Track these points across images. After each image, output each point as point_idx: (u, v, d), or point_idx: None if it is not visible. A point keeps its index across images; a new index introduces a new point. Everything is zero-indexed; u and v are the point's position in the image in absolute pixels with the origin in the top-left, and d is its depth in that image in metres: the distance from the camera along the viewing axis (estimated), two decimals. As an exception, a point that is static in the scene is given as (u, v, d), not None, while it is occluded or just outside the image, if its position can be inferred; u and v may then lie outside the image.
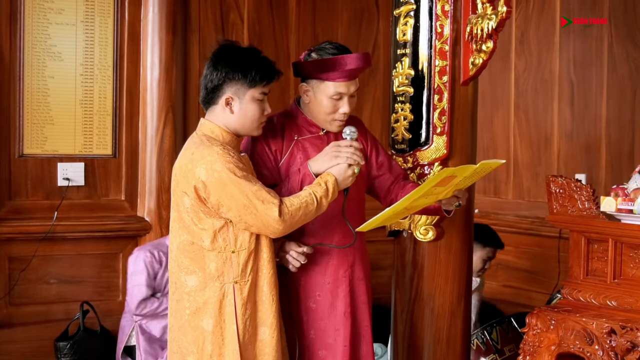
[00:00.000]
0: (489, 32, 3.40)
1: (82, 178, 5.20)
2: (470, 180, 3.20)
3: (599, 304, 3.44)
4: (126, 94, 5.30)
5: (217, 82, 3.05)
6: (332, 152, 3.11)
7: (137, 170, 5.32)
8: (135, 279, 4.60)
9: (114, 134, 5.28)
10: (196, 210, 2.99)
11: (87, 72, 5.20)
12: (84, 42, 5.18)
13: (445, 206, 3.31)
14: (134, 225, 5.26)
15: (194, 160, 2.96)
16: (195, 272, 3.04)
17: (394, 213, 3.13)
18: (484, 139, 6.12)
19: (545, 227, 5.40)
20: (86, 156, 5.22)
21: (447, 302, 3.74)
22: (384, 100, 5.91)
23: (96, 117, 5.24)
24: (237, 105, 3.06)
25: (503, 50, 5.94)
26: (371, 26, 6.05)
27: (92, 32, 5.20)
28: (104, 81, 5.24)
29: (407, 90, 3.69)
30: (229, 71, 3.03)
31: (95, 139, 5.24)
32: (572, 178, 3.71)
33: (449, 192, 3.17)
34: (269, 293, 3.07)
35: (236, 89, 3.04)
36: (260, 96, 3.07)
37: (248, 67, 3.03)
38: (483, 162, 3.08)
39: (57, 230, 5.09)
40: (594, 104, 5.53)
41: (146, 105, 5.29)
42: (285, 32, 5.75)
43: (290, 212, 2.96)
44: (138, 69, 5.31)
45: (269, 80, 3.07)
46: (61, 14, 5.13)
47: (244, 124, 3.09)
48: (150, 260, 4.60)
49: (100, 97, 5.24)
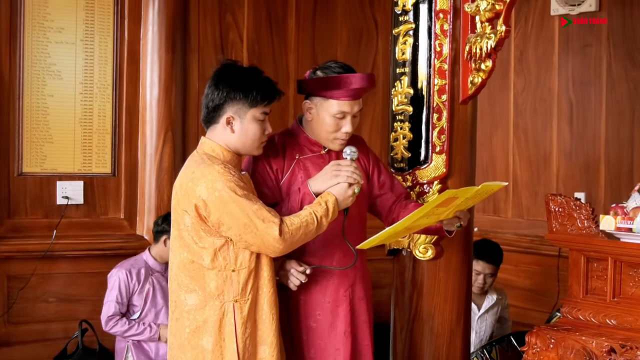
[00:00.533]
0: (487, 51, 3.42)
1: (81, 196, 5.20)
2: (472, 202, 3.21)
3: (599, 322, 3.44)
4: (125, 112, 5.29)
5: (218, 102, 3.05)
6: (332, 171, 3.11)
7: (136, 189, 5.31)
8: (108, 295, 4.59)
9: (113, 153, 5.28)
10: (197, 228, 2.99)
11: (86, 90, 5.20)
12: (83, 61, 5.19)
13: (446, 226, 3.32)
14: (132, 243, 5.24)
15: (194, 179, 2.96)
16: (195, 291, 3.04)
17: (394, 232, 3.14)
18: (483, 158, 6.12)
19: (545, 245, 5.39)
20: (85, 175, 5.22)
21: (446, 321, 3.74)
22: (383, 119, 5.91)
23: (95, 136, 5.24)
24: (238, 124, 3.07)
25: (502, 69, 5.95)
26: (370, 45, 6.06)
27: (91, 51, 5.21)
28: (104, 100, 5.25)
29: (406, 109, 3.70)
30: (230, 90, 3.04)
31: (95, 158, 5.24)
32: (572, 197, 3.72)
33: (451, 212, 3.17)
34: (269, 312, 3.07)
35: (237, 109, 3.05)
36: (261, 116, 3.08)
37: (249, 87, 3.04)
38: (485, 184, 3.09)
39: (56, 248, 5.08)
40: (593, 123, 5.54)
41: (145, 124, 5.29)
42: (285, 52, 5.76)
43: (290, 232, 2.96)
44: (137, 87, 5.30)
45: (270, 100, 3.08)
46: (61, 33, 5.14)
47: (244, 144, 3.10)
48: (125, 278, 4.57)
49: (100, 116, 5.25)
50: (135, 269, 4.63)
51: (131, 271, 4.60)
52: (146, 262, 4.69)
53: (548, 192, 5.36)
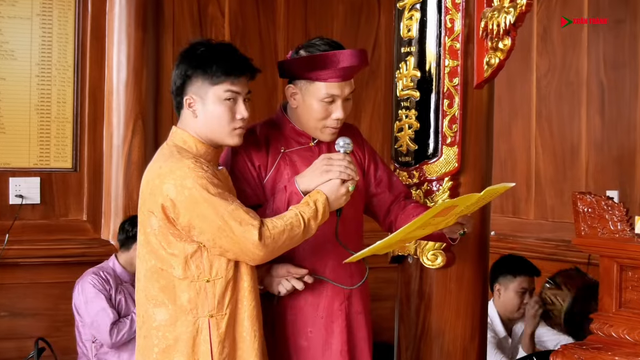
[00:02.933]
0: (506, 27, 3.40)
1: (37, 195, 5.22)
2: (474, 207, 3.22)
3: (634, 340, 3.43)
4: (89, 98, 5.32)
5: (179, 83, 3.06)
6: (322, 166, 3.09)
7: (101, 187, 5.34)
8: (93, 306, 4.59)
9: (74, 145, 5.30)
10: (165, 232, 2.98)
11: (43, 73, 5.21)
12: (40, 39, 5.21)
13: (448, 234, 3.34)
14: (97, 249, 5.26)
15: (161, 175, 2.95)
16: (164, 304, 3.02)
17: (386, 245, 3.14)
18: (500, 150, 6.14)
19: (572, 251, 5.42)
20: (42, 170, 5.23)
21: (458, 338, 3.75)
22: (386, 106, 5.92)
23: (54, 125, 5.24)
24: (200, 107, 3.04)
25: (523, 48, 5.97)
26: (371, 21, 6.09)
27: (49, 28, 5.22)
28: (64, 83, 5.26)
29: (413, 94, 3.70)
30: (189, 68, 3.03)
31: (53, 150, 5.24)
32: (603, 195, 3.71)
33: (451, 220, 3.17)
34: (250, 328, 3.05)
35: (197, 88, 3.03)
36: (226, 94, 3.03)
37: (209, 62, 3.01)
38: (488, 188, 3.11)
39: (9, 255, 5.08)
40: (628, 110, 5.56)
41: (112, 112, 5.31)
42: (273, 28, 5.78)
43: (272, 236, 2.94)
44: (103, 69, 5.33)
45: (236, 75, 3.03)
46: (14, 6, 5.16)
47: (212, 129, 3.06)
48: (97, 281, 4.61)
49: (59, 102, 5.26)
50: (100, 271, 4.65)
51: (97, 273, 4.63)
52: (114, 270, 4.70)
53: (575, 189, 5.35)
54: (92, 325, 4.63)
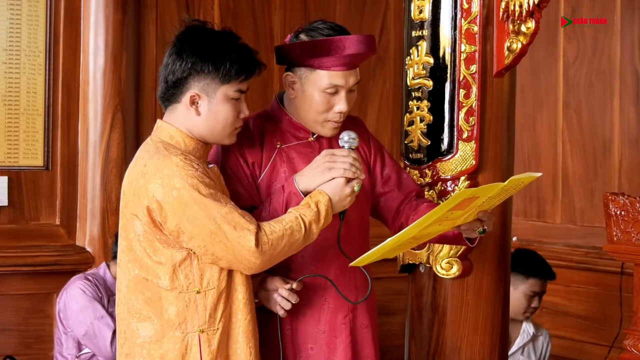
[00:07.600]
0: (530, 8, 3.42)
1: (5, 196, 5.22)
2: (497, 200, 3.19)
3: (673, 359, 3.46)
4: (62, 88, 5.33)
5: (180, 75, 3.05)
6: (324, 163, 3.09)
7: (75, 187, 5.35)
8: (88, 314, 4.58)
9: (46, 140, 5.30)
10: (150, 238, 2.98)
11: (11, 59, 5.22)
12: (7, 21, 5.21)
13: (466, 233, 3.29)
14: (71, 256, 5.27)
15: (147, 174, 2.96)
16: (149, 319, 3.03)
17: (398, 244, 3.12)
18: (524, 146, 6.15)
19: (604, 259, 5.42)
20: (10, 168, 5.23)
21: (476, 356, 3.75)
22: (395, 97, 5.93)
23: (23, 118, 5.25)
24: (205, 105, 3.06)
25: (548, 32, 5.98)
26: (378, 1, 6.09)
27: (18, 9, 5.23)
28: (34, 71, 5.27)
29: (425, 83, 3.71)
30: (197, 61, 3.03)
31: (22, 146, 5.25)
32: (638, 196, 3.72)
33: (470, 215, 3.16)
34: (245, 344, 3.07)
35: (205, 85, 3.04)
36: (235, 94, 3.07)
37: (222, 58, 3.02)
38: (513, 177, 3.08)
39: (-27, 264, 5.09)
40: (666, 102, 5.57)
41: (88, 103, 5.32)
42: (268, 9, 5.79)
43: (270, 242, 2.95)
44: (78, 55, 5.34)
45: (248, 75, 3.07)
46: (-21, -14, 5.17)
47: (213, 130, 3.09)
48: (89, 287, 4.61)
49: (29, 92, 5.27)
50: (90, 276, 4.65)
51: (87, 278, 4.63)
52: (104, 279, 4.70)
53: (607, 190, 5.37)
54: (87, 335, 4.62)
